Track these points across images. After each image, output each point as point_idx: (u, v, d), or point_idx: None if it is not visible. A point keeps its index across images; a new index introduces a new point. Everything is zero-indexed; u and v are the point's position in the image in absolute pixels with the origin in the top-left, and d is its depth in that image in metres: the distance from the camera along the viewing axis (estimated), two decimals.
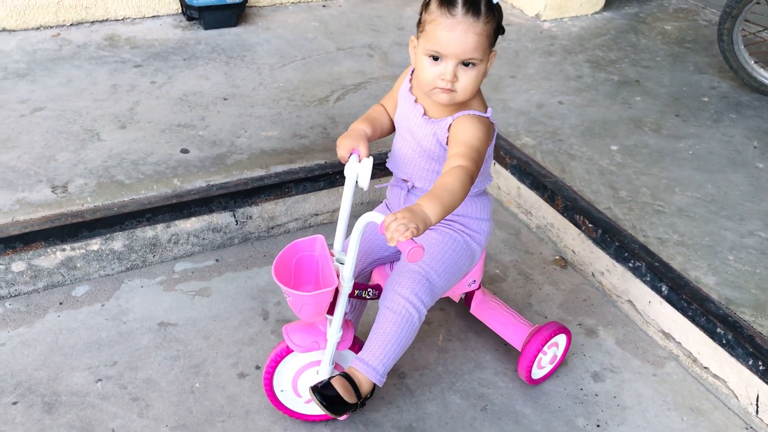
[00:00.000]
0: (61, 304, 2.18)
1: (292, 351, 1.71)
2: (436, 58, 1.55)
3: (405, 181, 1.75)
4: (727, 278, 2.12)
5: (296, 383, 1.78)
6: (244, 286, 2.30)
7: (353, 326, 1.75)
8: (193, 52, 3.26)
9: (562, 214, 2.46)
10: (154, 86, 2.95)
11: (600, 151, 2.72)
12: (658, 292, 2.12)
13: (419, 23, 1.59)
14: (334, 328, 1.65)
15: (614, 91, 3.17)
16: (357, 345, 1.76)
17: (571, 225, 2.43)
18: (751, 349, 1.88)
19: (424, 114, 1.65)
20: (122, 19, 3.49)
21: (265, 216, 2.47)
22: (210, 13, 3.42)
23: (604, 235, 2.30)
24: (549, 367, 2.01)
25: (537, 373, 1.98)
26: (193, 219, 2.35)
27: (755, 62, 3.12)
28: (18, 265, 2.15)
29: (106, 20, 3.46)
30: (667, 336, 2.13)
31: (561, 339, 1.98)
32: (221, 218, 2.40)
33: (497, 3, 1.55)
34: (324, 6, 3.88)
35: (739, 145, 2.80)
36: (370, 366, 1.61)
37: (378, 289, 1.79)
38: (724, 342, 1.95)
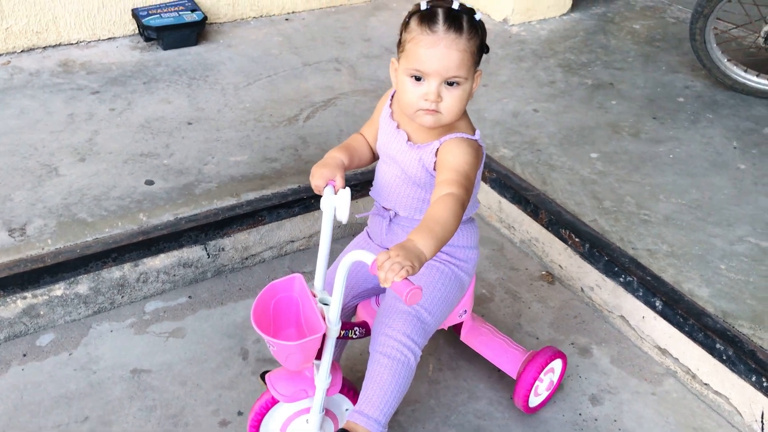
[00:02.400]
0: (24, 356, 2.04)
1: (278, 401, 1.60)
2: (418, 78, 1.47)
3: (387, 209, 1.66)
4: (722, 289, 2.06)
5: None
6: (220, 324, 2.18)
7: (340, 368, 1.65)
8: (152, 74, 3.12)
9: (547, 228, 2.38)
10: (113, 114, 2.81)
11: (580, 159, 2.65)
12: (652, 307, 2.05)
13: (399, 44, 1.51)
14: (322, 374, 1.54)
15: (589, 96, 3.11)
16: (346, 387, 1.65)
17: (557, 239, 2.35)
18: (753, 365, 1.82)
19: (408, 140, 1.56)
20: (76, 43, 3.34)
21: (239, 247, 2.36)
22: (169, 33, 3.29)
23: (591, 250, 2.23)
24: (545, 394, 1.93)
25: (534, 401, 1.90)
26: (162, 255, 2.23)
27: (728, 60, 3.09)
28: None
29: (59, 45, 3.31)
30: (663, 352, 2.07)
31: (557, 364, 1.90)
32: (192, 252, 2.28)
33: (480, 20, 1.47)
34: (287, 19, 3.76)
35: (719, 146, 2.76)
36: (370, 418, 1.51)
37: (365, 326, 1.69)
38: (725, 358, 1.89)
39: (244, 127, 2.79)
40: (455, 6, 1.46)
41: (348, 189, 1.51)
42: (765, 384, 1.80)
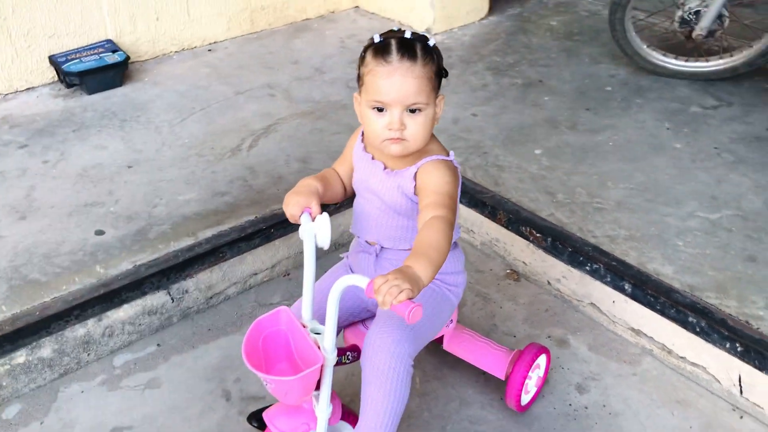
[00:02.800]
0: None
1: None
2: (380, 110, 1.49)
3: (371, 244, 1.65)
4: (683, 265, 2.14)
5: None
6: (195, 368, 2.11)
7: (338, 395, 1.62)
8: (81, 121, 3.01)
9: (507, 227, 2.42)
10: (47, 166, 2.70)
11: (526, 157, 2.71)
12: (622, 290, 2.11)
13: (358, 78, 1.54)
14: (322, 404, 1.51)
15: (521, 95, 3.19)
16: (346, 413, 1.63)
17: (518, 237, 2.39)
18: (725, 333, 1.90)
19: (385, 168, 1.57)
20: None
21: (202, 287, 2.29)
22: (91, 77, 3.18)
23: (554, 243, 2.28)
24: (534, 390, 1.96)
25: (525, 399, 1.92)
26: (126, 306, 2.14)
27: (648, 46, 3.23)
28: None
29: None
30: (637, 332, 2.13)
31: (542, 360, 1.93)
32: (155, 299, 2.20)
33: (434, 45, 1.50)
34: (210, 50, 3.70)
35: (652, 129, 2.87)
36: None
37: (356, 350, 1.67)
38: (698, 330, 1.96)
39: (187, 163, 2.72)
40: (407, 35, 1.49)
41: (326, 214, 1.50)
42: (739, 349, 1.88)
